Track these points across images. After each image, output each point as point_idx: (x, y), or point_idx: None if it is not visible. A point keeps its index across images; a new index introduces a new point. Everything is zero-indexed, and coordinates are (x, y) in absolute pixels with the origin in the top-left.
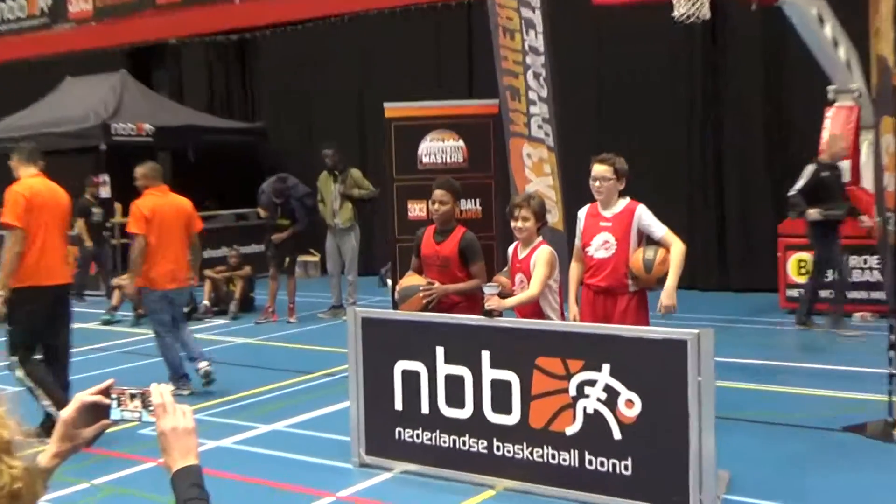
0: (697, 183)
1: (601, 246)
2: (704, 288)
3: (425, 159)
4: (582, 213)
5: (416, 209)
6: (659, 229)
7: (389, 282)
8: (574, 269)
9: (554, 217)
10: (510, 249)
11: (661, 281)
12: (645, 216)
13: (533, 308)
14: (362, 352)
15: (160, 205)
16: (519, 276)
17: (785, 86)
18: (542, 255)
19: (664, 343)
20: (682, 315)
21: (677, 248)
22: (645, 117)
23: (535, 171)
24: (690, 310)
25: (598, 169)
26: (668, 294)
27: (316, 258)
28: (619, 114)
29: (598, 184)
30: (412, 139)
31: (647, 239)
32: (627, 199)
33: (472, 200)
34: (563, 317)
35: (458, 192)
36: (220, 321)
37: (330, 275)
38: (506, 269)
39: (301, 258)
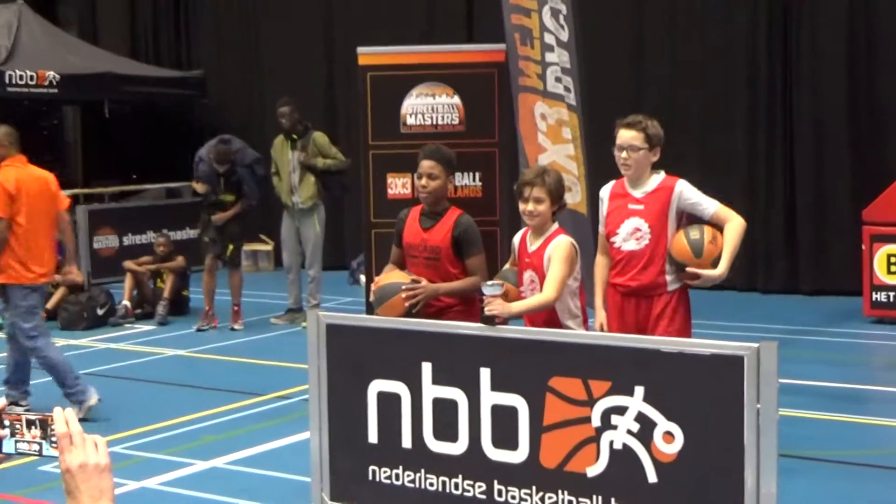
0: (759, 159)
1: (630, 235)
2: (767, 290)
3: (410, 120)
4: (605, 192)
5: (397, 185)
6: (709, 204)
7: (363, 278)
8: (600, 264)
9: (575, 197)
10: (516, 239)
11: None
12: (688, 192)
13: (547, 315)
14: (327, 368)
15: (23, 178)
16: (528, 274)
17: (875, 40)
18: (560, 248)
19: (714, 360)
20: (738, 324)
21: (735, 223)
22: (694, 74)
23: (552, 137)
24: (749, 317)
25: (625, 135)
26: (707, 277)
27: (269, 247)
28: (661, 67)
29: (624, 155)
30: (393, 95)
31: (688, 219)
32: (663, 174)
33: (470, 174)
34: (586, 326)
35: (453, 164)
36: (145, 327)
37: (287, 268)
38: (508, 264)
39: (249, 246)
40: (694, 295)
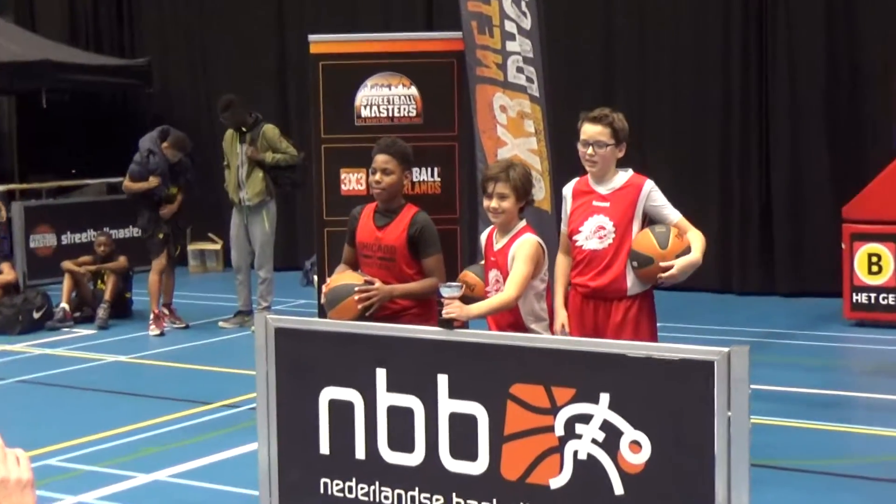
0: (734, 153)
1: (594, 233)
2: (742, 291)
3: (365, 112)
4: (568, 190)
5: (351, 181)
6: (673, 213)
7: (315, 279)
8: (561, 263)
9: (539, 194)
10: (483, 236)
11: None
12: (655, 194)
13: (510, 317)
14: (276, 375)
15: None
16: (494, 274)
17: (855, 30)
18: (524, 247)
19: (683, 365)
20: (712, 327)
21: (698, 233)
22: (665, 63)
23: (513, 130)
24: (723, 320)
25: (591, 130)
26: (684, 264)
27: (217, 246)
28: (631, 56)
29: (590, 150)
30: (347, 85)
31: (650, 223)
32: (630, 172)
33: (429, 170)
34: (552, 330)
35: (409, 158)
36: (84, 331)
37: (235, 269)
38: (479, 264)
39: (197, 245)
40: (664, 297)
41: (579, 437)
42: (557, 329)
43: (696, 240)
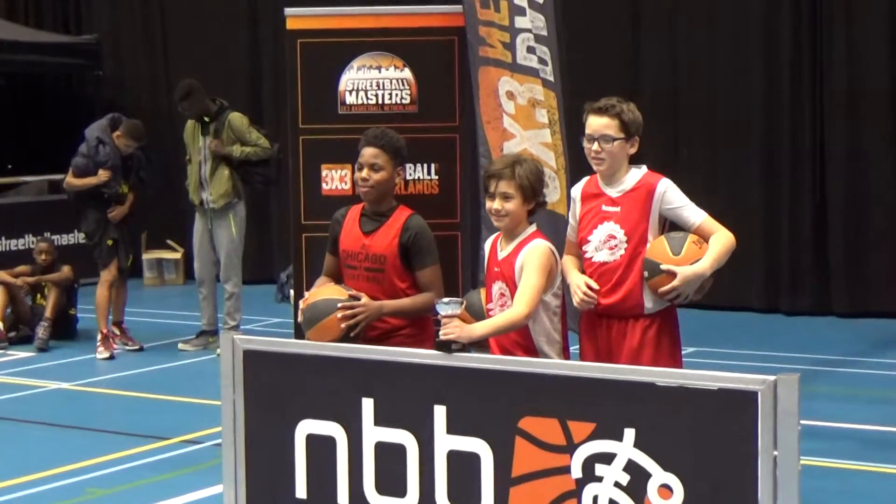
0: (783, 155)
1: (604, 243)
2: (792, 311)
3: (350, 99)
4: (577, 191)
5: (334, 178)
6: (694, 214)
7: (292, 294)
8: (569, 260)
9: (553, 195)
10: (487, 244)
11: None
12: (671, 194)
13: (518, 338)
14: (245, 405)
15: None
16: (498, 287)
17: None
18: (535, 255)
19: (721, 396)
20: (755, 352)
21: (723, 234)
22: (702, 42)
23: (522, 121)
24: (769, 344)
25: (596, 123)
26: (687, 273)
27: (177, 255)
28: (662, 33)
29: (595, 146)
30: (330, 67)
31: (670, 228)
32: (644, 169)
33: (425, 166)
34: (566, 355)
35: (402, 153)
36: (21, 353)
37: (198, 282)
38: (478, 291)
39: (154, 254)
40: (700, 317)
41: (599, 479)
42: (579, 284)
43: (715, 245)
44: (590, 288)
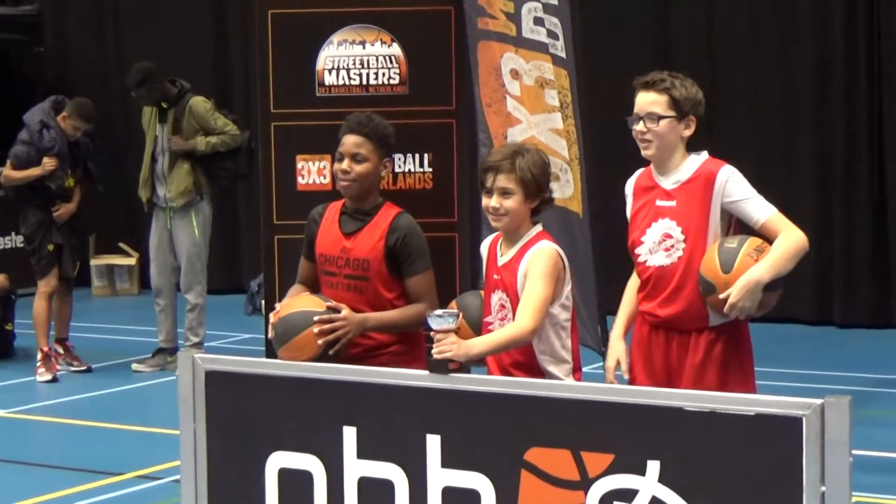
0: (836, 139)
1: (658, 244)
2: (844, 322)
3: (330, 79)
4: (630, 186)
5: (311, 171)
6: (759, 209)
7: (263, 305)
8: (632, 284)
9: (565, 190)
10: (485, 247)
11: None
12: (734, 184)
13: (519, 357)
14: (208, 435)
15: None
16: (498, 297)
17: None
18: (540, 260)
19: (759, 423)
20: (799, 370)
21: (791, 234)
22: (744, 13)
23: (528, 104)
24: (815, 360)
25: (643, 99)
26: (743, 285)
27: (131, 260)
28: (698, 3)
29: (640, 126)
30: (305, 42)
31: (736, 227)
32: (704, 156)
33: (416, 157)
34: (578, 377)
35: (389, 141)
36: None
37: (156, 292)
38: (474, 291)
39: (104, 260)
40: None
41: None
42: (609, 367)
43: (778, 247)
44: (618, 364)
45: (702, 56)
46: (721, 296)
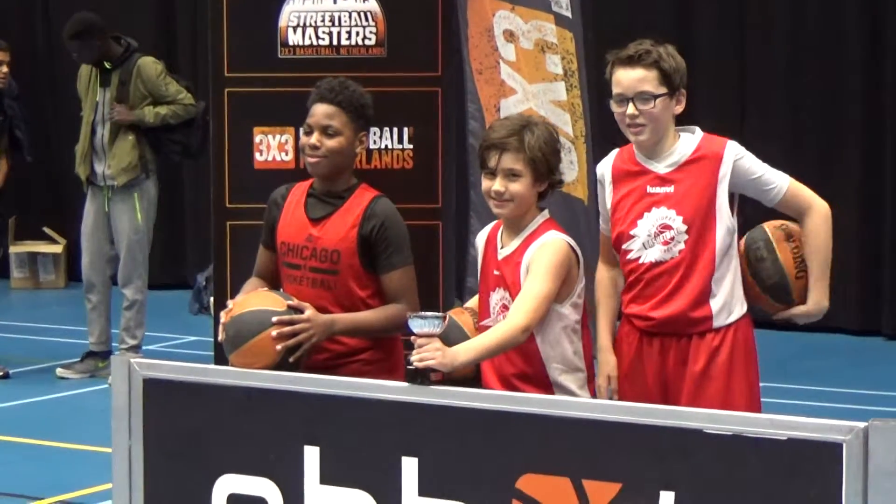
0: (884, 132)
1: (655, 237)
2: (893, 333)
3: (294, 38)
4: (605, 167)
5: (271, 146)
6: (778, 180)
7: (212, 301)
8: (605, 281)
9: (569, 172)
10: (481, 238)
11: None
12: (746, 162)
13: (523, 364)
14: (145, 454)
15: None
16: (498, 296)
17: None
18: (547, 253)
19: (793, 448)
20: (841, 389)
21: (818, 217)
22: None
23: (526, 71)
24: (859, 376)
25: (627, 77)
26: (814, 300)
27: (57, 248)
28: None
29: (631, 109)
30: None
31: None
32: (698, 133)
33: (395, 131)
34: (592, 388)
35: (366, 112)
36: None
37: (87, 285)
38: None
39: (23, 247)
40: (772, 339)
41: None
42: (601, 384)
43: (819, 247)
44: (609, 382)
45: (730, 22)
46: (790, 312)
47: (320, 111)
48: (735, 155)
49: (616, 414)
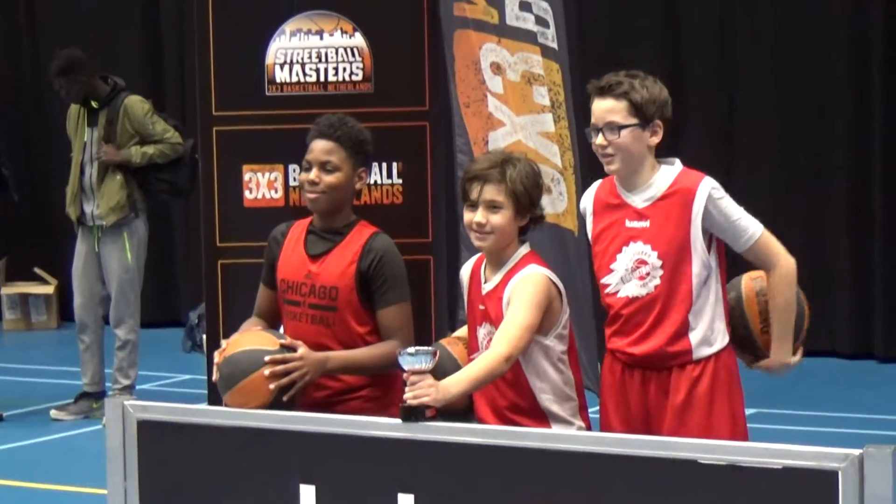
0: (872, 162)
1: (632, 272)
2: (887, 356)
3: (281, 75)
4: (588, 199)
5: (260, 184)
6: (751, 228)
7: (205, 339)
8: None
9: (557, 204)
10: (465, 272)
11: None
12: (718, 204)
13: (514, 396)
14: (140, 495)
15: None
16: (486, 330)
17: None
18: (526, 287)
19: (787, 477)
20: (835, 413)
21: (783, 272)
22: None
23: (514, 103)
24: (854, 401)
25: (599, 107)
26: (776, 357)
27: (49, 289)
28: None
29: (600, 139)
30: (253, 31)
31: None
32: (677, 166)
33: (385, 166)
34: (584, 416)
35: (366, 147)
36: None
37: (80, 326)
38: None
39: (14, 288)
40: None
41: None
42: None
43: (783, 306)
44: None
45: (716, 42)
46: (757, 365)
47: (319, 147)
48: (710, 193)
49: (612, 446)
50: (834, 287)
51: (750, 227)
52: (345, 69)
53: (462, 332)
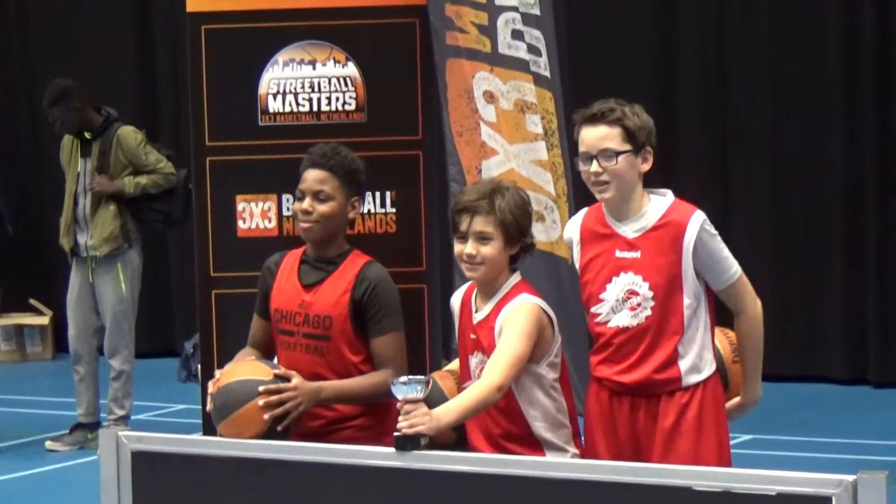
0: (866, 187)
1: (623, 302)
2: (880, 382)
3: (274, 105)
4: (573, 228)
5: (254, 214)
6: (726, 272)
7: (199, 369)
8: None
9: (551, 232)
10: (456, 300)
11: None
12: (706, 241)
13: (508, 425)
14: None
15: None
16: (477, 360)
17: None
18: (517, 317)
19: (782, 502)
20: (829, 439)
21: (750, 318)
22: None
23: (507, 131)
24: (847, 426)
25: (591, 135)
26: (748, 394)
27: (43, 320)
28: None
29: (594, 167)
30: (246, 62)
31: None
32: (669, 197)
33: (378, 195)
34: (577, 443)
35: (359, 177)
36: None
37: (74, 357)
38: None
39: (9, 319)
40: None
41: None
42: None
43: (753, 347)
44: None
45: (712, 68)
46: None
47: (312, 176)
48: (699, 226)
49: (606, 473)
50: (828, 313)
51: (732, 268)
52: (338, 99)
53: (454, 365)
